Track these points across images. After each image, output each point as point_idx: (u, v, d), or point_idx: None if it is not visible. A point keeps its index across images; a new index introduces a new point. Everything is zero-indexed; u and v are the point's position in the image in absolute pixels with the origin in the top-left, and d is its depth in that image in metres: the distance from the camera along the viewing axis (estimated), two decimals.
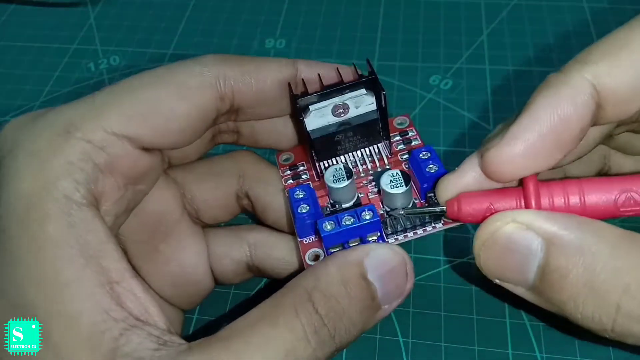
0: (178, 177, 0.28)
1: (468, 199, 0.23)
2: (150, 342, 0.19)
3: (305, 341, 0.20)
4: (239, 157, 0.30)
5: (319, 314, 0.21)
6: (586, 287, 0.20)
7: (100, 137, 0.22)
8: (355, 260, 0.22)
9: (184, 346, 0.20)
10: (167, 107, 0.23)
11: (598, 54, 0.22)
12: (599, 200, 0.22)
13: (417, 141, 0.29)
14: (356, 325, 0.22)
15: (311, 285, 0.21)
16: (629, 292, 0.19)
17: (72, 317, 0.19)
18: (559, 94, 0.21)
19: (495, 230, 0.22)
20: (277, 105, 0.27)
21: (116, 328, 0.19)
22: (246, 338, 0.20)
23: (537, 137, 0.21)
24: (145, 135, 0.23)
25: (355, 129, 0.27)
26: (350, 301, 0.22)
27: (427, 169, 0.26)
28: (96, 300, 0.20)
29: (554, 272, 0.21)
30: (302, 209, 0.25)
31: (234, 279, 0.30)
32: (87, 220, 0.21)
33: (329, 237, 0.24)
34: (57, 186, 0.21)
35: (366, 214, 0.24)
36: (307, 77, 0.27)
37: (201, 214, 0.29)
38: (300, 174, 0.29)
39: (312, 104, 0.26)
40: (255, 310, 0.21)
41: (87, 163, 0.21)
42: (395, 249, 0.24)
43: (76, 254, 0.20)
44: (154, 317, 0.21)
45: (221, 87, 0.25)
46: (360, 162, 0.28)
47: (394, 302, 0.24)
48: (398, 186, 0.25)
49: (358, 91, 0.27)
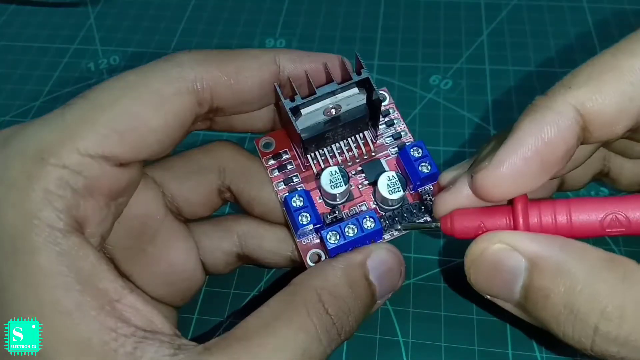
0: (157, 177, 0.28)
1: (461, 217, 0.24)
2: (166, 349, 0.20)
3: (318, 340, 0.21)
4: (217, 150, 0.29)
5: (329, 315, 0.22)
6: (566, 308, 0.21)
7: (76, 161, 0.21)
8: (359, 262, 0.24)
9: (200, 347, 0.20)
10: (142, 121, 0.22)
11: (583, 77, 0.22)
12: (585, 220, 0.22)
13: (400, 123, 0.29)
14: (358, 321, 0.24)
15: (320, 285, 0.23)
16: (606, 314, 0.20)
17: (82, 342, 0.19)
18: (544, 119, 0.21)
19: (483, 250, 0.23)
20: (258, 102, 0.26)
21: (128, 343, 0.20)
22: (263, 339, 0.21)
23: (522, 161, 0.21)
24: (121, 152, 0.22)
25: (345, 125, 0.27)
26: (356, 301, 0.23)
27: (421, 169, 0.26)
28: (101, 321, 0.20)
29: (537, 291, 0.21)
30: (303, 219, 0.25)
31: (224, 269, 0.31)
32: (75, 246, 0.20)
33: (335, 250, 0.25)
34: (39, 217, 0.20)
35: (367, 222, 0.25)
36: (292, 74, 0.26)
37: (183, 211, 0.29)
38: (285, 163, 0.29)
39: (303, 108, 0.26)
40: (267, 308, 0.22)
41: (66, 190, 0.21)
42: (394, 250, 0.25)
43: (71, 281, 0.20)
44: (159, 325, 0.21)
45: (199, 92, 0.24)
46: (346, 149, 0.28)
47: (386, 296, 0.26)
48: (397, 191, 0.26)
49: (350, 90, 0.26)
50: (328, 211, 0.27)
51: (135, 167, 0.24)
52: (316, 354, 0.21)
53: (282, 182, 0.28)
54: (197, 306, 0.32)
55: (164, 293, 0.28)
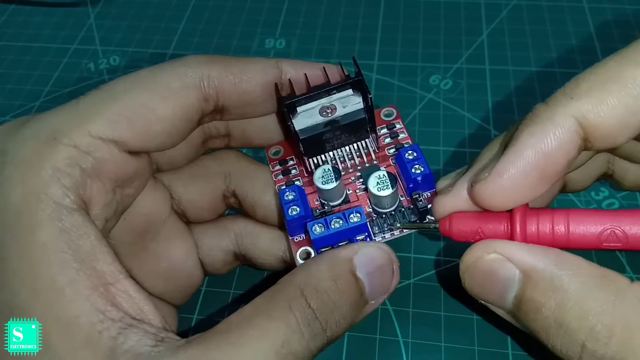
0: (165, 180, 0.29)
1: (459, 220, 0.24)
2: (148, 339, 0.20)
3: (299, 333, 0.21)
4: (223, 156, 0.30)
5: (312, 308, 0.22)
6: (556, 322, 0.21)
7: (87, 142, 0.22)
8: (345, 257, 0.24)
9: (181, 341, 0.20)
10: (151, 109, 0.23)
11: (585, 87, 0.22)
12: (583, 233, 0.22)
13: (404, 134, 0.29)
14: (346, 319, 0.23)
15: (303, 281, 0.22)
16: (594, 333, 0.20)
17: (70, 320, 0.20)
18: (544, 131, 0.21)
19: (478, 258, 0.23)
20: (262, 105, 0.27)
21: (113, 328, 0.20)
22: (243, 330, 0.21)
23: (521, 173, 0.22)
24: (130, 138, 0.23)
25: (343, 128, 0.27)
26: (341, 296, 0.23)
27: (413, 170, 0.26)
28: (92, 302, 0.20)
29: (528, 303, 0.22)
30: (292, 211, 0.26)
31: (222, 268, 0.31)
32: (78, 224, 0.21)
33: (319, 240, 0.25)
34: (46, 193, 0.21)
35: (354, 217, 0.25)
36: (293, 77, 0.27)
37: (188, 214, 0.30)
38: (290, 168, 0.29)
39: (299, 106, 0.27)
40: (250, 305, 0.22)
41: (75, 168, 0.21)
42: (383, 247, 0.25)
43: (69, 258, 0.20)
44: (149, 315, 0.21)
45: (205, 88, 0.25)
46: (348, 157, 0.29)
47: (380, 297, 0.25)
48: (385, 188, 0.26)
49: (345, 92, 0.27)
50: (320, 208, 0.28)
51: (144, 159, 0.25)
52: (298, 348, 0.21)
53: (284, 185, 0.29)
54: (197, 306, 0.32)
55: (163, 290, 0.29)
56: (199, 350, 0.20)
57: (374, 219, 0.27)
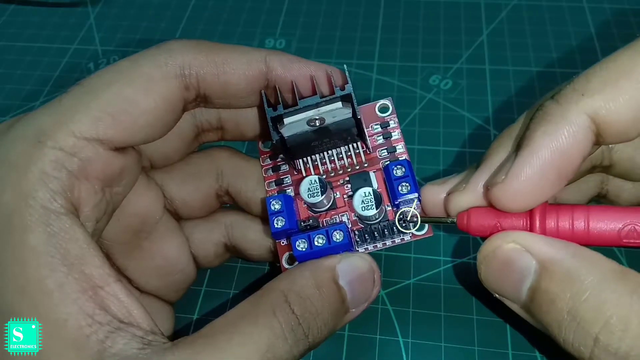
0: (157, 179, 0.29)
1: (478, 214, 0.24)
2: (136, 343, 0.20)
3: (283, 339, 0.21)
4: (215, 154, 0.30)
5: (295, 314, 0.22)
6: (570, 314, 0.21)
7: (71, 143, 0.22)
8: (328, 266, 0.24)
9: (168, 344, 0.21)
10: (133, 103, 0.23)
11: (596, 83, 0.21)
12: (603, 229, 0.22)
13: (397, 135, 0.28)
14: (327, 325, 0.23)
15: (287, 287, 0.23)
16: (609, 326, 0.20)
17: (58, 322, 0.20)
18: (558, 130, 0.21)
19: (496, 247, 0.23)
20: (248, 98, 0.27)
21: (101, 331, 0.20)
22: (228, 335, 0.21)
23: (538, 174, 0.22)
24: (115, 135, 0.23)
25: (332, 135, 0.27)
26: (323, 303, 0.23)
27: (400, 189, 0.26)
28: (80, 305, 0.20)
29: (543, 294, 0.21)
30: (277, 222, 0.26)
31: (214, 260, 0.31)
32: (66, 228, 0.21)
33: (301, 257, 0.25)
34: (34, 197, 0.21)
35: (337, 235, 0.25)
36: (280, 80, 0.26)
37: (180, 212, 0.30)
38: (280, 164, 0.29)
39: (286, 117, 0.26)
40: (235, 310, 0.22)
41: (61, 171, 0.21)
42: (365, 257, 0.25)
43: (57, 262, 0.20)
44: (138, 319, 0.21)
45: (185, 77, 0.24)
46: (338, 156, 0.28)
47: (360, 306, 0.25)
48: (369, 209, 0.26)
49: (334, 104, 0.26)
50: (309, 216, 0.27)
51: (131, 154, 0.25)
52: (281, 353, 0.21)
53: (273, 182, 0.29)
54: (197, 306, 0.32)
55: (158, 286, 0.29)
56: (186, 353, 0.20)
57: (356, 233, 0.27)
